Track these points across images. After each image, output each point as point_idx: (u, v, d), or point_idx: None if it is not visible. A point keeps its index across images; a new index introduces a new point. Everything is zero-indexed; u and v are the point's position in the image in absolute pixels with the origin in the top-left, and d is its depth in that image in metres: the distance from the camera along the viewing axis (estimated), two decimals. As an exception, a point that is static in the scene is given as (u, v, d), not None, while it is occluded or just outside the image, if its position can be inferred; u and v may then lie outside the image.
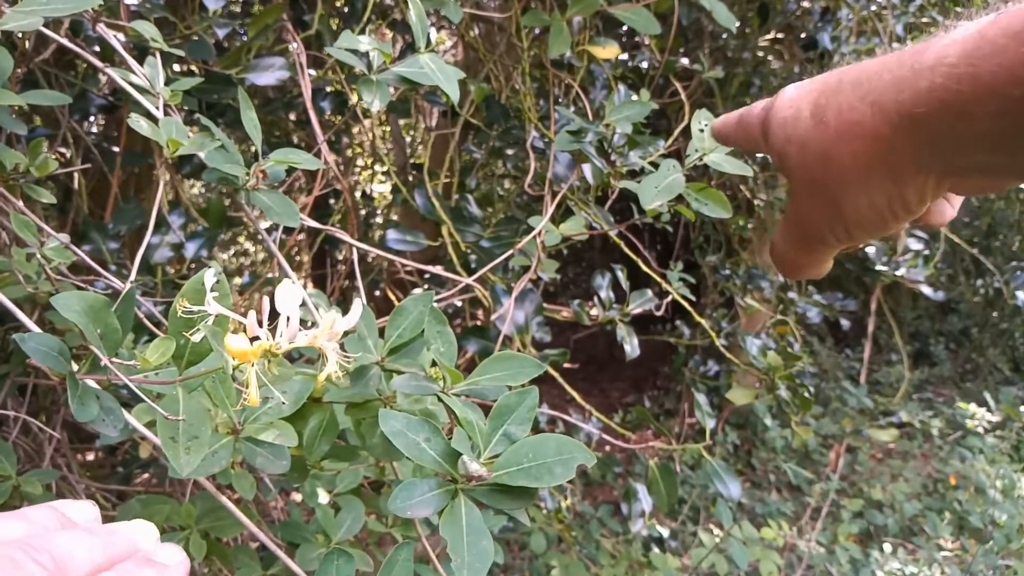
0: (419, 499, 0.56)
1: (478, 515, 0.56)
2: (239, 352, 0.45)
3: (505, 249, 1.21)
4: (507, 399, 0.60)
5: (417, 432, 0.57)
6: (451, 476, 0.57)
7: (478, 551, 0.54)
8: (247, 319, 0.45)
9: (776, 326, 2.49)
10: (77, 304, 0.54)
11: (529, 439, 0.57)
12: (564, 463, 0.55)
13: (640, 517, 1.74)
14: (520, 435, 0.58)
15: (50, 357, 0.54)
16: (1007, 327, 4.60)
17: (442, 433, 0.58)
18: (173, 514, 0.89)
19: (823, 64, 2.50)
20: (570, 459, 0.56)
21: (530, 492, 0.57)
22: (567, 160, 1.34)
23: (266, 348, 0.46)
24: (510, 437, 0.58)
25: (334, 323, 0.47)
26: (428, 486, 0.56)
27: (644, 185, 0.86)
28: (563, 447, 0.56)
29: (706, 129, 0.84)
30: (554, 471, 0.55)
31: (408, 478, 0.62)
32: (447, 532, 0.54)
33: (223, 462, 0.60)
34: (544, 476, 0.55)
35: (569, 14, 1.25)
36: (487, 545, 0.54)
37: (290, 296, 0.46)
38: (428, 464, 0.56)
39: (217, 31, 1.10)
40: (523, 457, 0.56)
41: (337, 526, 0.97)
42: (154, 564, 0.33)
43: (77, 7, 0.64)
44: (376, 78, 0.81)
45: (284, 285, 0.45)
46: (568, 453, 0.56)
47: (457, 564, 0.52)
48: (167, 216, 1.17)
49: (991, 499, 3.11)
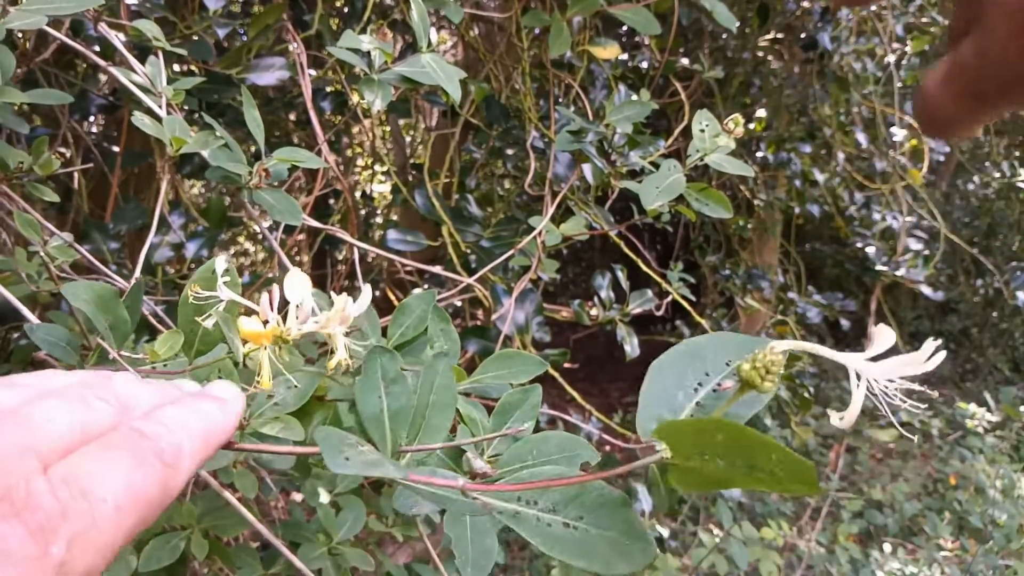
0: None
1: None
2: (252, 334, 0.45)
3: (505, 249, 1.21)
4: (510, 397, 0.60)
5: None
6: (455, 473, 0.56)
7: (482, 549, 0.54)
8: (260, 303, 0.45)
9: (776, 326, 2.49)
10: (86, 294, 0.54)
11: (532, 436, 0.57)
12: (567, 460, 0.55)
13: (640, 517, 1.74)
14: (523, 433, 0.58)
15: (58, 347, 0.55)
16: (1007, 327, 4.60)
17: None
18: (174, 513, 0.89)
19: (823, 64, 2.50)
20: (573, 456, 0.55)
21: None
22: (567, 160, 1.34)
23: (278, 332, 0.46)
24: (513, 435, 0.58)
25: (345, 308, 0.47)
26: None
27: (645, 185, 0.86)
28: (566, 444, 0.56)
29: (707, 129, 0.84)
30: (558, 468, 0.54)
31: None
32: (451, 529, 0.54)
33: (229, 458, 0.60)
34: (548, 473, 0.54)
35: (569, 14, 1.25)
36: (491, 543, 0.54)
37: (299, 284, 0.46)
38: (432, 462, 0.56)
39: (217, 31, 1.10)
40: (526, 454, 0.55)
41: (338, 526, 0.97)
42: (212, 397, 0.33)
43: (80, 6, 0.64)
44: (378, 77, 0.81)
45: (293, 273, 0.46)
46: (571, 450, 0.55)
47: (461, 561, 0.52)
48: (168, 216, 1.17)
49: (991, 499, 3.11)
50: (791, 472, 0.32)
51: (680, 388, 0.40)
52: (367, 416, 0.46)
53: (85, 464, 0.26)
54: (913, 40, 2.81)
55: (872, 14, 2.47)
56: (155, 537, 0.85)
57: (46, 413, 0.27)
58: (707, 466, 0.34)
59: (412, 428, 0.48)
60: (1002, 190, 3.91)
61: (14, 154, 0.74)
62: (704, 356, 0.41)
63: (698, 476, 0.36)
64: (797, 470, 0.32)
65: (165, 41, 0.80)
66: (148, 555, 0.84)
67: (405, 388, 0.48)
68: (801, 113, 2.82)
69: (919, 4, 2.61)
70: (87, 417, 0.28)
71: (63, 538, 0.24)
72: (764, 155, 2.71)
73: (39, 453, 0.25)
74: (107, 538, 0.25)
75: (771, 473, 0.32)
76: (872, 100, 2.64)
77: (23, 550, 0.23)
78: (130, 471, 0.27)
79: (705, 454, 0.34)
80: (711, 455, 0.34)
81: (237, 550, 0.95)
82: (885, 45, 2.53)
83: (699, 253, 2.97)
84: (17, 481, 0.24)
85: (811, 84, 2.60)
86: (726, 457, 0.33)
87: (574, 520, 0.39)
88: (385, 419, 0.47)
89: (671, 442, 0.36)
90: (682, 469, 0.36)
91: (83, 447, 0.27)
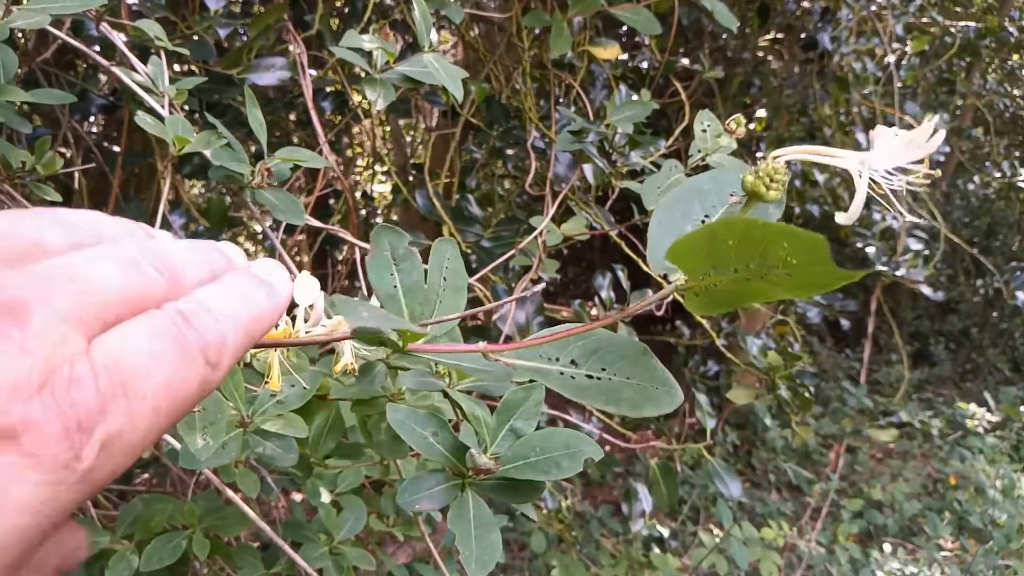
0: (426, 493, 0.56)
1: (486, 509, 0.56)
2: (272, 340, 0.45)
3: (506, 249, 1.21)
4: (513, 395, 0.60)
5: (425, 426, 0.57)
6: (458, 470, 0.57)
7: (486, 544, 0.54)
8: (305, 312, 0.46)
9: (776, 326, 2.49)
10: None
11: (536, 433, 0.57)
12: (571, 456, 0.55)
13: (640, 517, 1.74)
14: (527, 430, 0.58)
15: None
16: (1007, 327, 4.60)
17: (449, 427, 0.58)
18: (176, 513, 0.89)
19: (823, 64, 2.50)
20: (577, 452, 0.55)
21: (536, 486, 0.57)
22: (567, 160, 1.34)
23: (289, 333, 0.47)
24: (516, 432, 0.58)
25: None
26: (435, 480, 0.56)
27: (647, 186, 0.86)
28: (570, 440, 0.56)
29: (709, 129, 0.85)
30: (561, 464, 0.55)
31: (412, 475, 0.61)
32: (455, 526, 0.54)
33: (233, 454, 0.61)
34: (551, 469, 0.55)
35: (570, 15, 1.25)
36: (495, 539, 0.54)
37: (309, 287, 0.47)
38: (436, 458, 0.56)
39: (219, 31, 1.10)
40: (530, 451, 0.56)
41: (339, 525, 0.97)
42: (261, 281, 0.30)
43: (84, 5, 0.64)
44: (380, 77, 0.82)
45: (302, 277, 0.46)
46: (575, 447, 0.56)
47: (466, 556, 0.52)
48: (168, 216, 1.18)
49: (991, 499, 3.11)
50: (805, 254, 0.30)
51: (688, 221, 0.40)
52: (382, 295, 0.47)
53: (128, 350, 0.23)
54: (913, 40, 2.81)
55: (872, 14, 2.47)
56: (157, 536, 0.86)
57: (96, 270, 0.24)
58: (721, 281, 0.34)
59: (427, 305, 0.48)
60: (1002, 190, 3.91)
61: (17, 154, 0.74)
62: (707, 190, 0.41)
63: (714, 295, 0.36)
64: (810, 249, 0.30)
65: (167, 41, 0.81)
66: (149, 554, 0.84)
67: (416, 264, 0.48)
68: (801, 113, 2.82)
69: (919, 4, 2.61)
70: (137, 283, 0.25)
71: (97, 440, 0.21)
72: (764, 155, 2.71)
73: (84, 322, 0.23)
74: (138, 439, 0.23)
75: (786, 269, 0.31)
76: (872, 100, 2.64)
77: (54, 453, 0.20)
78: (174, 368, 0.24)
79: (718, 266, 0.34)
80: (724, 266, 0.33)
81: (239, 549, 0.96)
82: (885, 45, 2.53)
83: (699, 253, 2.97)
84: (62, 363, 0.21)
85: (811, 84, 2.60)
86: (739, 262, 0.33)
87: (596, 372, 0.41)
88: (400, 295, 0.47)
89: (683, 262, 0.36)
90: (698, 292, 0.36)
91: (126, 324, 0.24)
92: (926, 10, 2.65)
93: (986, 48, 3.11)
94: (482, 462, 0.55)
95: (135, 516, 0.89)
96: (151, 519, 0.87)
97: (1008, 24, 3.02)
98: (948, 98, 3.49)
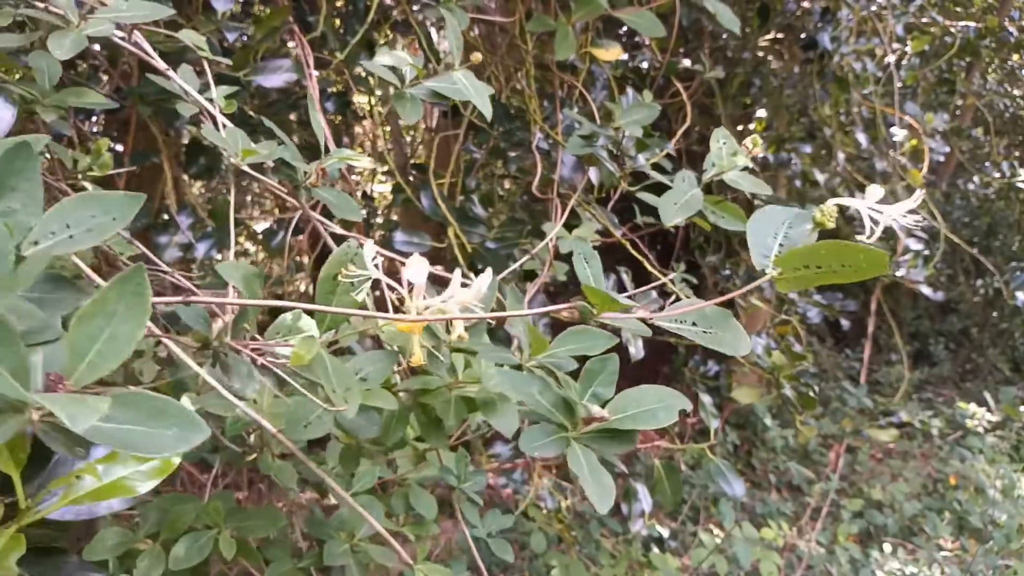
0: (542, 443, 0.65)
1: (594, 456, 0.65)
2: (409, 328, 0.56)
3: (510, 250, 1.22)
4: (593, 364, 0.70)
5: (529, 385, 0.67)
6: (562, 424, 0.66)
7: (602, 486, 0.63)
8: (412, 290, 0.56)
9: (777, 326, 2.50)
10: (236, 272, 0.63)
11: (630, 391, 0.67)
12: (666, 408, 0.65)
13: (640, 517, 1.74)
14: (607, 395, 0.68)
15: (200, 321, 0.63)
16: (1007, 327, 4.61)
17: (552, 386, 0.68)
18: (201, 513, 0.90)
19: (823, 64, 2.51)
20: (670, 405, 0.65)
21: (632, 436, 0.67)
22: (572, 162, 1.34)
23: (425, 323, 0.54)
24: (598, 397, 0.68)
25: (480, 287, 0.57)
26: (545, 432, 0.66)
27: (664, 201, 0.89)
28: (663, 396, 0.66)
29: (725, 147, 0.86)
30: (658, 415, 0.65)
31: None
32: (575, 468, 0.64)
33: (326, 427, 0.68)
34: (650, 420, 0.65)
35: (574, 18, 1.25)
36: (609, 481, 0.64)
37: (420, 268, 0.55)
38: (542, 412, 0.66)
39: (227, 35, 1.10)
40: (628, 405, 0.66)
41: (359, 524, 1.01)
42: None
43: (152, 15, 0.67)
44: (409, 92, 0.84)
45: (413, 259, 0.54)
46: (668, 400, 0.65)
47: (590, 492, 0.62)
48: (175, 216, 1.18)
49: (991, 499, 3.12)
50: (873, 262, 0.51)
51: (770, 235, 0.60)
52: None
53: None
54: (913, 40, 2.82)
55: (872, 14, 2.48)
56: (183, 535, 0.87)
57: None
58: (808, 273, 0.54)
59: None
60: (1002, 190, 3.91)
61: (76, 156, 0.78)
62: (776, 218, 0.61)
63: (801, 279, 0.55)
64: (878, 260, 0.51)
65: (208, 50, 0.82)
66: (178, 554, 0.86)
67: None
68: (801, 113, 2.82)
69: (919, 4, 2.61)
70: None
71: None
72: (764, 155, 2.72)
73: None
74: None
75: (856, 267, 0.51)
76: (872, 100, 2.64)
77: None
78: None
79: (808, 265, 0.54)
80: (812, 264, 0.53)
81: (269, 543, 0.99)
82: (885, 45, 2.54)
83: (699, 253, 2.97)
84: None
85: (811, 84, 2.60)
86: (825, 263, 0.53)
87: (705, 328, 0.60)
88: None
89: (783, 263, 0.56)
90: (788, 278, 0.55)
91: None
92: (926, 10, 2.65)
93: (986, 48, 3.12)
94: (596, 411, 0.65)
95: (159, 515, 0.89)
96: (177, 519, 0.88)
97: (1008, 24, 3.03)
98: (948, 98, 3.50)
